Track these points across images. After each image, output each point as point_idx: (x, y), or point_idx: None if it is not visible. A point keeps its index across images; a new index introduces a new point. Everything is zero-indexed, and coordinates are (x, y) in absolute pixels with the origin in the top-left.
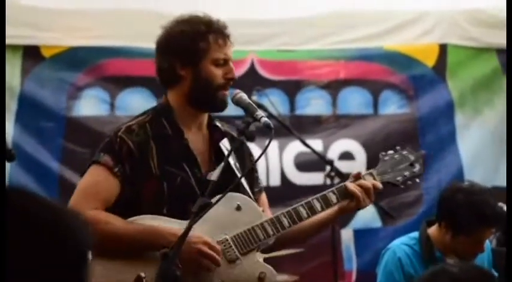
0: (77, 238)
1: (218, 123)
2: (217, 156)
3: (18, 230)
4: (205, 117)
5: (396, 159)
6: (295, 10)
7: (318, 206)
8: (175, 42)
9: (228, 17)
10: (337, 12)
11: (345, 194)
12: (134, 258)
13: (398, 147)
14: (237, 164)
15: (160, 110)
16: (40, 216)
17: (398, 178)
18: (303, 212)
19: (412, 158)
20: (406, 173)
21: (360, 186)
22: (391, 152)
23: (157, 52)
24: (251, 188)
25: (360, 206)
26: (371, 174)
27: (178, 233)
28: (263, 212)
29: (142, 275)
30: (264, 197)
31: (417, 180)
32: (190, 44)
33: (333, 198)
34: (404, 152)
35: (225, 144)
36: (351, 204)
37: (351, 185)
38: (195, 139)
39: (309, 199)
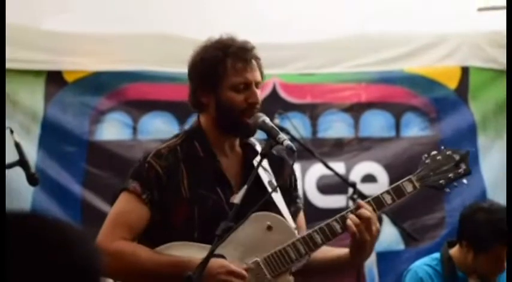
0: (87, 262)
1: (252, 142)
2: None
3: (27, 253)
4: (237, 137)
5: (439, 161)
6: (316, 34)
7: None
8: (195, 69)
9: (249, 41)
10: (359, 36)
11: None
12: None
13: (442, 148)
14: (273, 182)
15: (192, 132)
16: (49, 239)
17: (442, 181)
18: (337, 226)
19: (457, 157)
20: (451, 175)
21: (359, 216)
22: (434, 152)
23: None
24: (288, 208)
25: (358, 242)
26: (410, 180)
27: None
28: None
29: None
30: (301, 217)
31: (464, 181)
32: (207, 71)
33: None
34: (448, 152)
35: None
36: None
37: (351, 217)
38: (228, 161)
39: (343, 213)
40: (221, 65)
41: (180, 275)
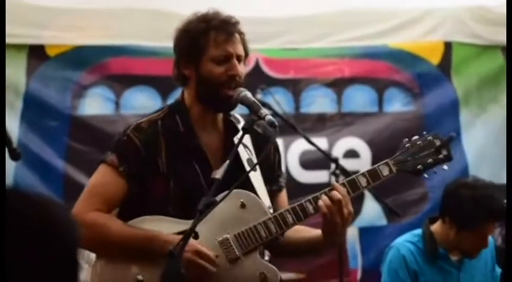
0: (64, 235)
1: (234, 119)
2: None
3: (8, 228)
4: (220, 114)
5: (419, 146)
6: (300, 8)
7: None
8: (179, 41)
9: (234, 16)
10: (342, 10)
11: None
12: (132, 261)
13: (425, 133)
14: (252, 160)
15: (175, 106)
16: (30, 214)
17: (419, 166)
18: (309, 207)
19: (437, 143)
20: (430, 160)
21: (331, 198)
22: (415, 137)
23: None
24: (270, 186)
25: (328, 223)
26: (387, 164)
27: (174, 241)
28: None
29: (140, 278)
30: (282, 196)
31: (445, 167)
32: (190, 43)
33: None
34: (429, 137)
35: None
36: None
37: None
38: (209, 137)
39: (317, 194)
40: (204, 37)
41: (148, 249)
